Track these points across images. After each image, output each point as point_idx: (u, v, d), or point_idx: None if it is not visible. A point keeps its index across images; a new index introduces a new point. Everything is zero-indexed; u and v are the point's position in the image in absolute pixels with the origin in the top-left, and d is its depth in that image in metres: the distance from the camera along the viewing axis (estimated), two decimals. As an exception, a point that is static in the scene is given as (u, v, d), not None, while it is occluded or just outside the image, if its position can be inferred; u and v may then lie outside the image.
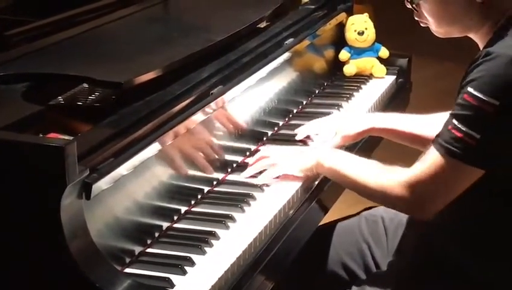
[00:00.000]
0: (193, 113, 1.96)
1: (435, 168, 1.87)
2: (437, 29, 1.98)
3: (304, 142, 2.36)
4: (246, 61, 2.27)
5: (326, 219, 2.29)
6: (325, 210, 2.24)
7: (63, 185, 1.54)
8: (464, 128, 1.82)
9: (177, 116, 1.91)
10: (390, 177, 1.94)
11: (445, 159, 1.85)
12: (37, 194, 1.58)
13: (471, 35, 1.98)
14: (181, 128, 1.91)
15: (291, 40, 2.52)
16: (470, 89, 1.82)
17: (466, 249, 1.95)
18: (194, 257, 1.77)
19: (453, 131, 1.84)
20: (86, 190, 1.61)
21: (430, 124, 2.21)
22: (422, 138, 2.24)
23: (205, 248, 1.81)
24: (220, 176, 2.14)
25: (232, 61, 2.23)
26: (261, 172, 2.13)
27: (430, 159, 1.88)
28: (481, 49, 1.92)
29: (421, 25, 2.02)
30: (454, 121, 1.84)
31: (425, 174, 1.88)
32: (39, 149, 1.56)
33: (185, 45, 2.17)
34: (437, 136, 1.89)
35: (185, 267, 1.74)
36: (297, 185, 2.10)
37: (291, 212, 2.03)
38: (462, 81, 1.87)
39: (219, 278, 1.72)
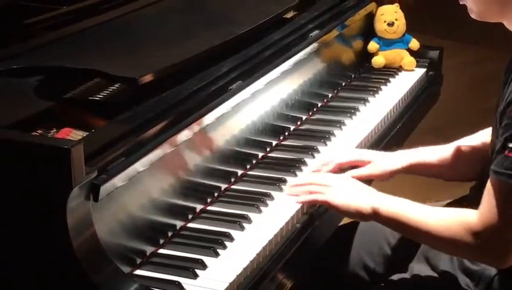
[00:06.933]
0: (210, 111, 1.90)
1: (504, 202, 1.68)
2: (473, 7, 1.81)
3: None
4: (268, 55, 2.20)
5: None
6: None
7: (68, 187, 1.50)
8: None
9: (192, 113, 1.86)
10: (460, 223, 1.75)
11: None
12: (42, 196, 1.54)
13: (506, 23, 1.82)
14: (196, 126, 1.86)
15: (317, 32, 2.45)
16: None
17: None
18: (206, 259, 1.73)
19: (510, 155, 1.67)
20: (93, 191, 1.57)
21: (446, 151, 2.11)
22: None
23: (218, 250, 1.77)
24: (238, 172, 2.09)
25: (253, 55, 2.17)
26: None
27: (495, 195, 1.68)
28: None
29: (460, 2, 1.88)
30: (510, 144, 1.66)
31: (496, 213, 1.69)
32: (45, 150, 1.52)
33: (205, 38, 2.11)
34: (494, 167, 1.70)
35: (196, 271, 1.70)
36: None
37: (309, 212, 1.97)
38: (504, 89, 1.74)
39: (230, 283, 1.68)
